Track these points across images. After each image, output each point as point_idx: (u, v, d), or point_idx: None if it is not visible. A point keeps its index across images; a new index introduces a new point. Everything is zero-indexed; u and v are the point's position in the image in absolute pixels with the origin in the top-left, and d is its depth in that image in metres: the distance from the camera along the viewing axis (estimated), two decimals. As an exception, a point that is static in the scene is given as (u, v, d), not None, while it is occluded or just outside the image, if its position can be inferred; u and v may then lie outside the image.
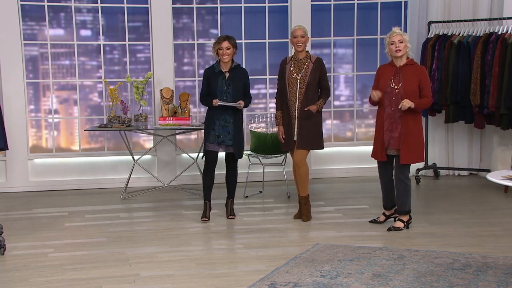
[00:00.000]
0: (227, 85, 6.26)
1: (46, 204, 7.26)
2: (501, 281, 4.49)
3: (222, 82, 6.26)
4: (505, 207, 6.84)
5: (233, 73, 6.30)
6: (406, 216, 5.99)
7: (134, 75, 8.15)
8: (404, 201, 5.95)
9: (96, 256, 5.27)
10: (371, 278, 4.60)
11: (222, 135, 6.30)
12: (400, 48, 5.79)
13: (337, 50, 8.67)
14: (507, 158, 7.24)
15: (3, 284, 4.64)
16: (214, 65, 6.35)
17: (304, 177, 6.32)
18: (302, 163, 6.29)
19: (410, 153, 5.83)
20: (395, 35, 5.80)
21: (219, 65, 6.28)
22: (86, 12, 8.13)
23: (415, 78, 5.78)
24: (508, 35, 7.37)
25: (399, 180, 5.94)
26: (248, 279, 4.64)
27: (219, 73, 6.27)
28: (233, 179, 6.48)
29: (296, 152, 6.30)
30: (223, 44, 6.19)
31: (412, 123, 5.81)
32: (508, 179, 4.57)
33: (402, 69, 5.84)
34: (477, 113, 7.69)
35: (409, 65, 5.85)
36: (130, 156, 7.73)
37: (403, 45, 5.80)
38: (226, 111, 6.27)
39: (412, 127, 5.81)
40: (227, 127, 6.29)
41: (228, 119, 6.29)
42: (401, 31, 5.85)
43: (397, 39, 5.78)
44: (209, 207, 6.43)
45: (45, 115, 8.09)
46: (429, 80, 5.94)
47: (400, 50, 5.79)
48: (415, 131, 5.83)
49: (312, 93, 6.22)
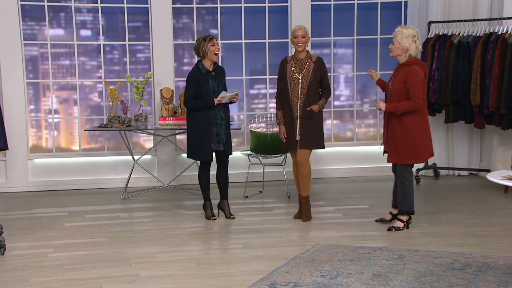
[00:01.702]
0: (217, 84, 6.27)
1: (46, 204, 7.26)
2: (501, 281, 4.49)
3: (213, 82, 6.25)
4: (505, 207, 6.84)
5: (217, 70, 6.32)
6: (406, 216, 5.98)
7: (134, 75, 8.15)
8: (402, 200, 5.94)
9: (96, 256, 5.27)
10: (371, 278, 4.61)
11: (220, 133, 6.30)
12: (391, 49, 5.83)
13: (337, 50, 8.67)
14: (507, 158, 7.24)
15: (3, 284, 4.64)
16: (198, 66, 6.25)
17: (306, 177, 6.32)
18: (304, 162, 6.29)
19: (395, 153, 5.83)
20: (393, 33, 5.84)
21: (204, 66, 6.25)
22: (86, 12, 8.13)
23: (402, 79, 5.73)
24: (508, 35, 7.36)
25: (399, 179, 5.95)
26: (248, 279, 4.64)
27: (206, 73, 6.25)
28: (226, 179, 6.46)
29: (298, 151, 6.30)
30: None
31: (397, 125, 5.77)
32: (508, 179, 4.57)
33: (399, 69, 5.84)
34: (477, 113, 7.69)
35: (405, 65, 5.78)
36: (130, 156, 7.73)
37: (394, 46, 5.80)
38: (220, 110, 6.26)
39: (397, 128, 5.77)
40: (223, 125, 6.30)
41: (224, 117, 6.30)
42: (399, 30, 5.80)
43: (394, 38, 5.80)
44: (211, 206, 6.44)
45: (45, 115, 8.09)
46: (418, 81, 5.70)
47: (391, 50, 5.83)
48: (402, 132, 5.76)
49: (314, 93, 6.23)
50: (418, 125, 5.79)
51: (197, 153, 6.31)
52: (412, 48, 5.74)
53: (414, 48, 5.75)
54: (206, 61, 6.25)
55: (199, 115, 6.24)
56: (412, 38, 5.73)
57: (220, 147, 6.34)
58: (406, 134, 5.78)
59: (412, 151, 5.80)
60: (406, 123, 5.76)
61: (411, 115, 5.75)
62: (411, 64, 5.75)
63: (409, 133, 5.77)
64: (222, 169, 6.44)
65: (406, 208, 5.95)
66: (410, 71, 5.71)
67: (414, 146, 5.80)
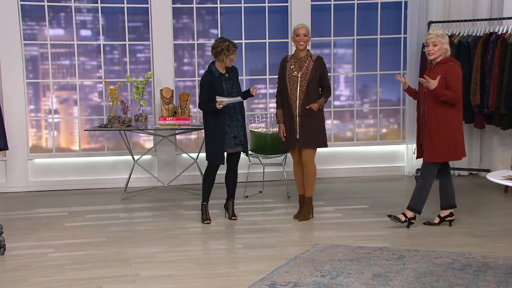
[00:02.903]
0: (231, 86, 6.25)
1: (46, 204, 7.26)
2: (501, 281, 4.49)
3: (227, 84, 6.23)
4: (505, 207, 6.84)
5: (230, 72, 6.30)
6: (411, 213, 5.98)
7: (134, 75, 8.15)
8: (416, 196, 5.95)
9: (96, 256, 5.27)
10: (371, 278, 4.61)
11: (238, 135, 6.26)
12: (433, 51, 5.81)
13: (337, 50, 8.67)
14: (507, 158, 7.24)
15: (3, 284, 4.64)
16: (211, 69, 6.22)
17: (312, 177, 6.32)
18: (310, 162, 6.29)
19: (432, 150, 5.81)
20: (429, 37, 5.84)
21: (217, 69, 6.25)
22: (86, 12, 8.13)
23: (442, 76, 5.74)
24: (508, 35, 7.37)
25: (421, 175, 5.95)
26: (248, 279, 4.64)
27: (219, 76, 6.24)
28: (235, 180, 6.45)
29: (303, 151, 6.29)
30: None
31: (435, 123, 5.76)
32: (508, 179, 4.57)
33: (433, 68, 5.86)
34: (477, 113, 7.69)
35: (441, 63, 5.82)
36: (130, 156, 7.73)
37: (436, 49, 5.80)
38: (236, 111, 6.23)
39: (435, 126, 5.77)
40: (239, 126, 6.27)
41: (240, 118, 6.26)
42: (435, 33, 5.82)
43: (431, 41, 5.81)
44: (207, 209, 6.43)
45: (45, 115, 8.09)
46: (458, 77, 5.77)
47: (433, 53, 5.82)
48: (441, 129, 5.76)
49: (313, 91, 6.23)
50: (456, 122, 5.84)
51: (211, 156, 6.24)
52: (448, 47, 5.86)
53: (448, 45, 5.88)
54: (221, 65, 6.22)
55: (214, 119, 6.17)
56: (446, 36, 5.86)
57: (239, 149, 6.32)
58: (444, 131, 5.79)
59: (450, 147, 5.83)
60: (444, 119, 5.77)
61: (448, 111, 5.77)
62: (448, 62, 5.82)
63: (447, 129, 5.79)
64: (232, 169, 6.41)
65: (416, 206, 5.95)
66: (450, 68, 5.78)
67: (453, 142, 5.83)
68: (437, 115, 5.78)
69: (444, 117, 5.78)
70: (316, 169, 6.34)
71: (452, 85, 5.74)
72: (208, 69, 6.26)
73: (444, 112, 5.77)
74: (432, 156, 5.85)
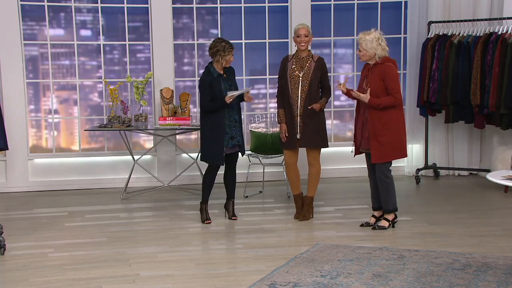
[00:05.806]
0: (229, 86, 6.25)
1: (46, 204, 7.26)
2: (501, 281, 4.49)
3: (225, 84, 6.23)
4: (505, 207, 6.84)
5: (227, 72, 6.30)
6: (391, 215, 5.99)
7: (134, 75, 8.15)
8: (386, 199, 5.94)
9: (96, 256, 5.27)
10: (371, 278, 4.61)
11: (236, 135, 6.27)
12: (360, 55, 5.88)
13: (337, 50, 8.67)
14: (507, 158, 7.23)
15: (3, 284, 4.65)
16: (209, 70, 6.22)
17: (316, 177, 6.34)
18: (316, 162, 6.31)
19: (379, 152, 5.82)
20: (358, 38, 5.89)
21: (215, 69, 6.24)
22: (86, 12, 8.13)
23: (379, 77, 5.79)
24: (508, 35, 7.36)
25: (378, 178, 5.94)
26: (248, 279, 4.64)
27: (218, 76, 6.23)
28: (234, 180, 6.46)
29: (309, 152, 6.30)
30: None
31: (379, 123, 5.79)
32: (508, 179, 4.57)
33: (371, 69, 5.89)
34: (477, 113, 7.69)
35: (378, 64, 5.85)
36: (130, 156, 7.73)
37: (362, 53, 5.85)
38: (234, 111, 6.25)
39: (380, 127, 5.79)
40: (237, 127, 6.28)
41: (237, 119, 6.28)
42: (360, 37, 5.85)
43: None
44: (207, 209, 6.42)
45: (45, 115, 8.09)
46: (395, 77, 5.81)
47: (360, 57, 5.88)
48: (386, 129, 5.80)
49: (314, 92, 6.23)
50: (399, 121, 5.89)
51: (211, 156, 6.25)
52: (378, 51, 5.82)
53: (381, 50, 5.83)
54: (218, 65, 6.23)
55: (213, 118, 6.17)
56: (376, 41, 5.81)
57: (237, 149, 6.33)
58: (389, 131, 5.82)
59: (397, 146, 5.87)
60: (388, 120, 5.81)
61: (391, 112, 5.82)
62: (385, 62, 5.84)
63: (392, 129, 5.83)
64: (231, 169, 6.42)
65: (391, 206, 5.95)
66: (386, 69, 5.81)
67: (399, 141, 5.88)
68: (380, 118, 5.81)
69: (388, 118, 5.81)
70: (320, 169, 6.35)
71: (390, 86, 5.78)
72: (207, 70, 6.26)
73: (387, 114, 5.81)
74: (383, 157, 5.85)
